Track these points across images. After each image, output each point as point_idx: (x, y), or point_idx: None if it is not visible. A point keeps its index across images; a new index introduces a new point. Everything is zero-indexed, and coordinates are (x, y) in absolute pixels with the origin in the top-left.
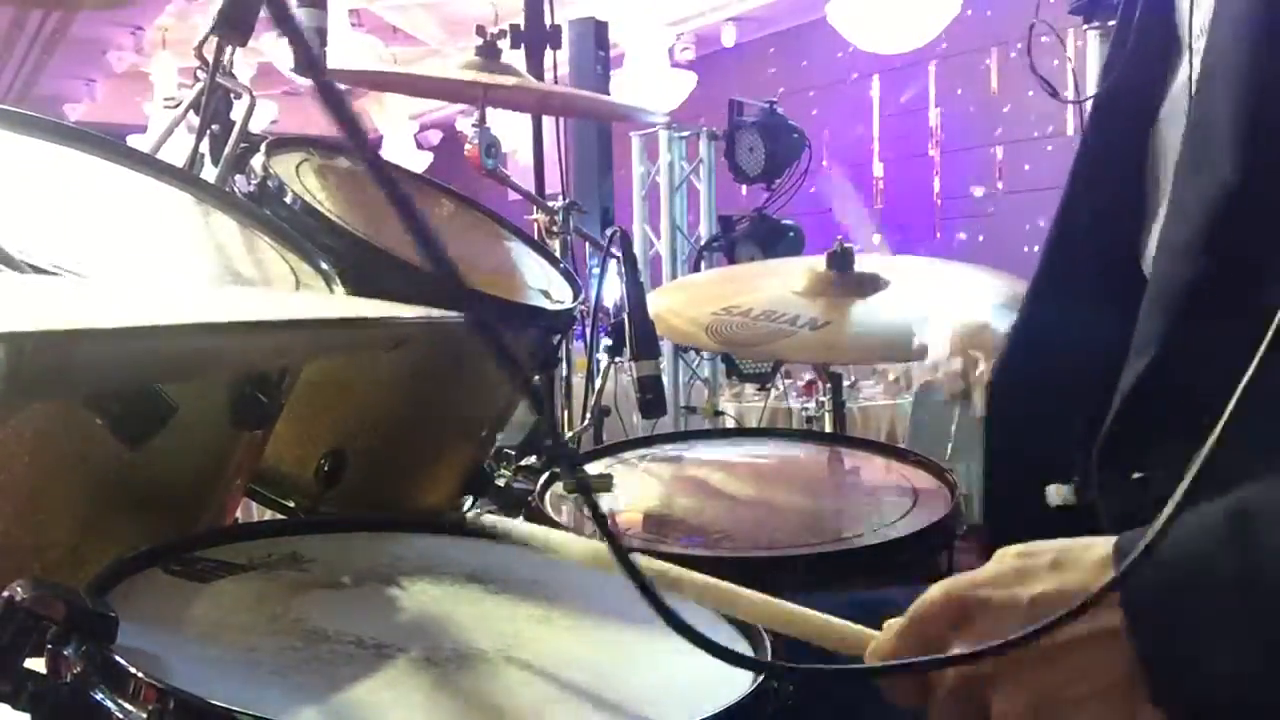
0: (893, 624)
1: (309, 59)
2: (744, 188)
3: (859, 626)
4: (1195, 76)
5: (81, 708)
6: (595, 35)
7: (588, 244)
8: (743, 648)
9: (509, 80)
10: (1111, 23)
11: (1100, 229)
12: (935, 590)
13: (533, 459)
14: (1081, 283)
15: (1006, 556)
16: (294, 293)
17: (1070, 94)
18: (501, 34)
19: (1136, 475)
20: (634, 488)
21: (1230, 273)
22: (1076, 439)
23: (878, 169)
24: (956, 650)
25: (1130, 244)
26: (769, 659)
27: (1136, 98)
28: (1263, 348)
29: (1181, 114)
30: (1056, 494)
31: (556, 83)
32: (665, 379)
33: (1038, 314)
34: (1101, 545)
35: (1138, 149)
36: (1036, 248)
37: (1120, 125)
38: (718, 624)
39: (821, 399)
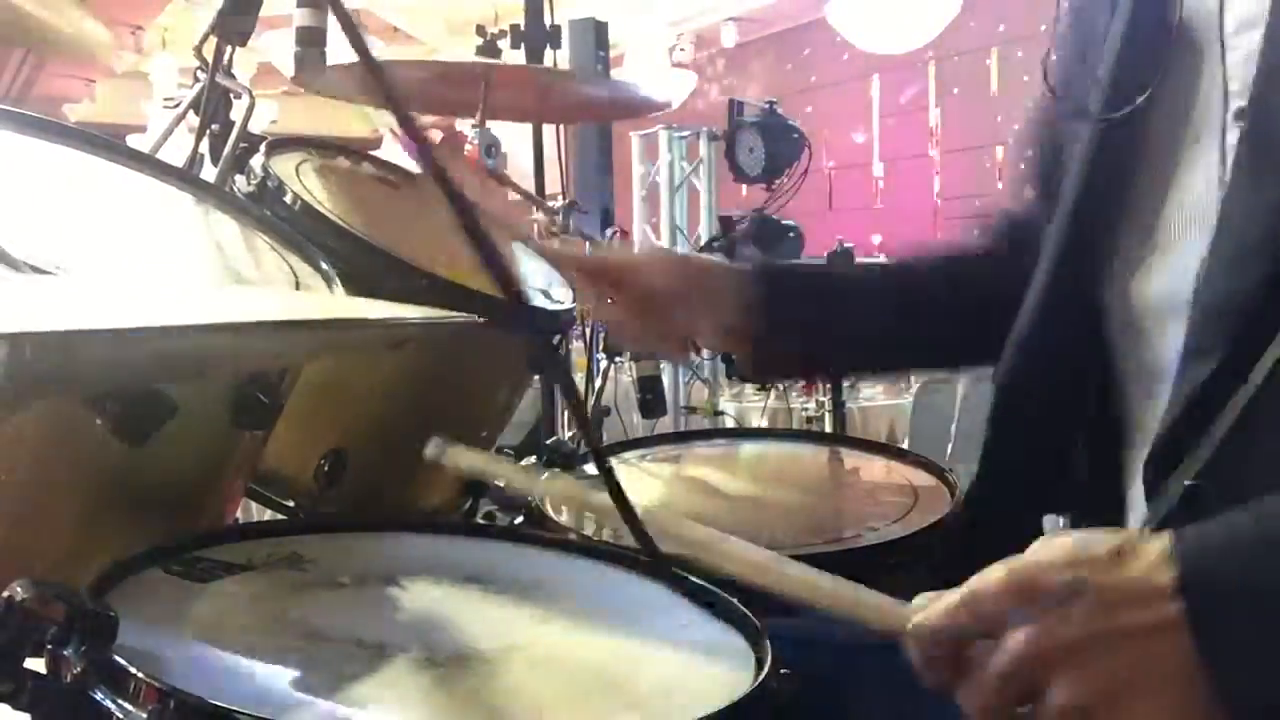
0: (940, 598)
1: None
2: (744, 188)
3: (897, 601)
4: (1235, 76)
5: (81, 708)
6: (595, 35)
7: (588, 244)
8: (741, 647)
9: (512, 65)
10: None
11: (1102, 242)
12: (997, 569)
13: (532, 459)
14: (1081, 298)
15: (1059, 542)
16: (294, 292)
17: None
18: (501, 34)
19: (1189, 483)
20: (634, 488)
21: None
22: (1072, 463)
23: (878, 169)
24: (1014, 635)
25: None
26: (768, 659)
27: (1140, 98)
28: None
29: (1218, 119)
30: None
31: None
32: (665, 379)
33: (1035, 331)
34: (1160, 541)
35: (1135, 153)
36: None
37: (1123, 128)
38: (713, 622)
39: (821, 399)
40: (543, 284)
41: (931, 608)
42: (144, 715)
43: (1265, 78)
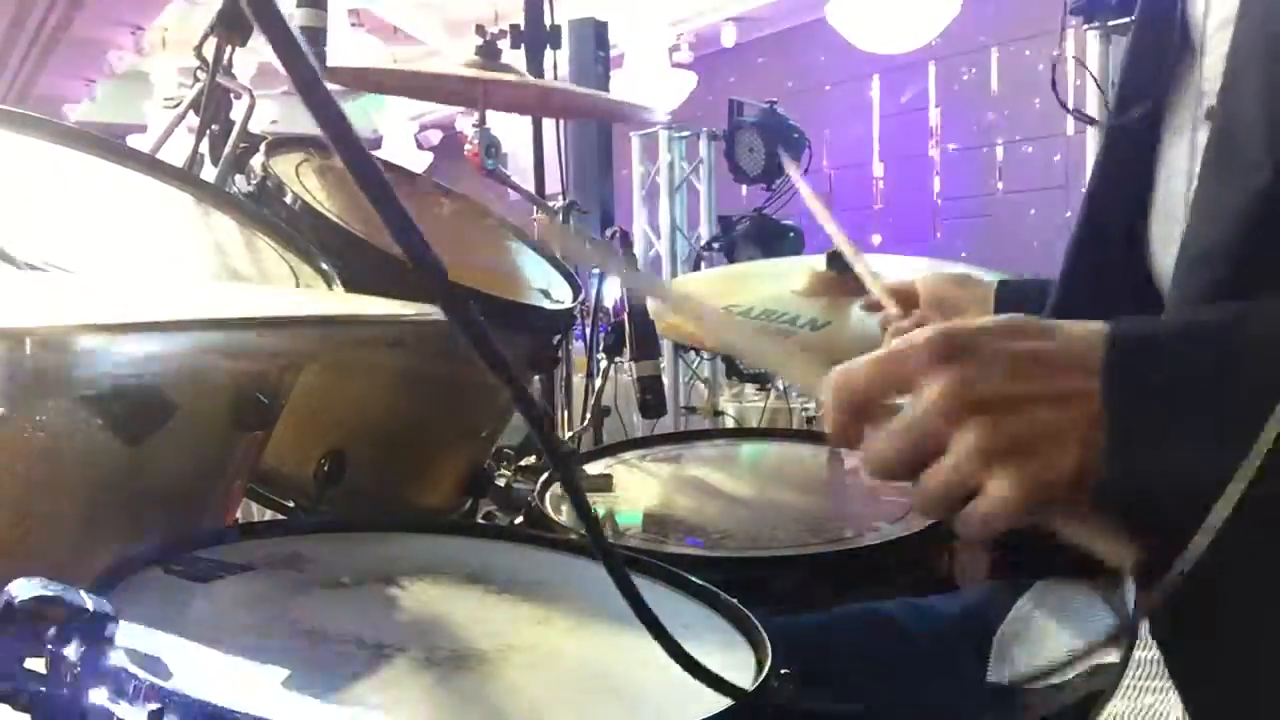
0: (863, 358)
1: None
2: (744, 188)
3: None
4: (1209, 77)
5: (81, 708)
6: (595, 35)
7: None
8: (742, 647)
9: (509, 77)
10: (1112, 23)
11: (1121, 236)
12: (923, 330)
13: (532, 459)
14: (1107, 291)
15: (1000, 315)
16: (293, 290)
17: (1070, 95)
18: (501, 34)
19: None
20: (634, 488)
21: (1261, 279)
22: None
23: (877, 169)
24: (932, 383)
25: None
26: (768, 659)
27: (1149, 101)
28: None
29: (1189, 116)
30: None
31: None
32: (665, 379)
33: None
34: (1096, 326)
35: (1150, 152)
36: (1036, 247)
37: (1133, 129)
38: (713, 621)
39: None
40: (543, 284)
41: (852, 361)
42: (144, 715)
43: (1231, 77)
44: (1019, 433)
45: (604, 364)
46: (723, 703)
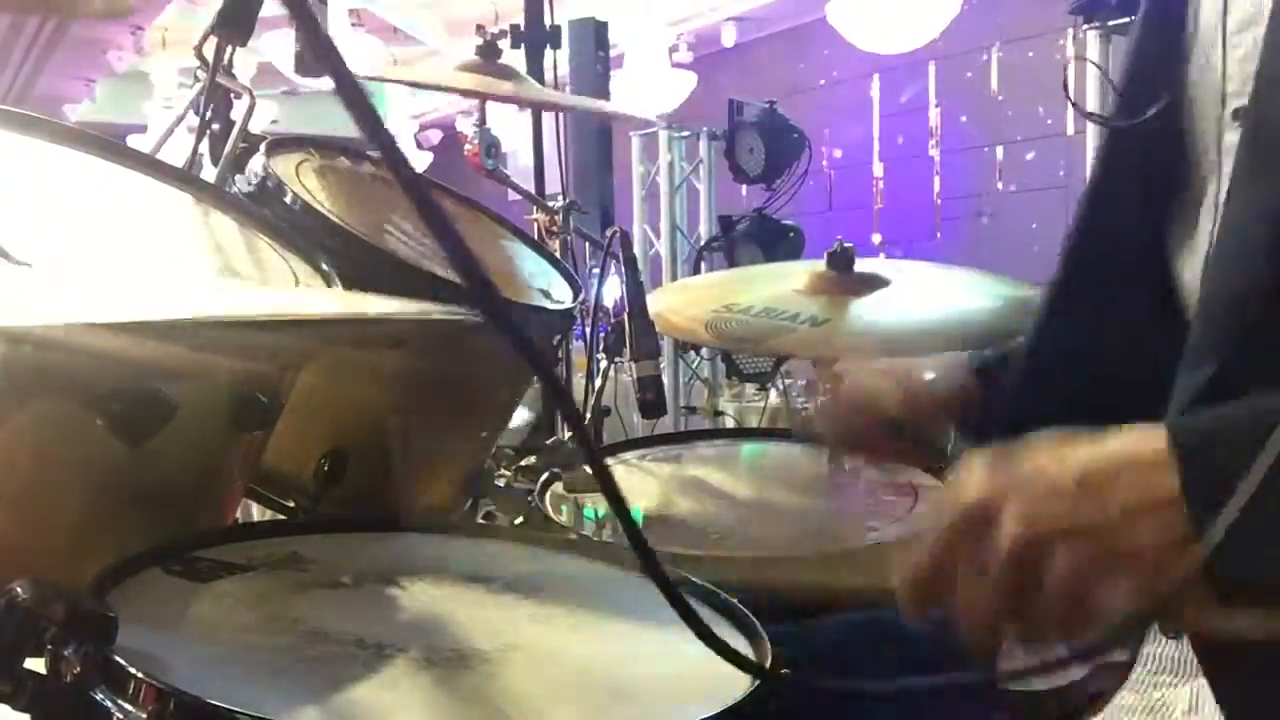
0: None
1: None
2: (744, 188)
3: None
4: (1233, 76)
5: (81, 708)
6: (595, 35)
7: (588, 244)
8: (742, 647)
9: (508, 86)
10: (1112, 22)
11: (1123, 240)
12: (969, 477)
13: (533, 459)
14: (1102, 296)
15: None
16: (292, 289)
17: (1071, 95)
18: (501, 34)
19: None
20: (634, 488)
21: None
22: None
23: (878, 169)
24: (1002, 531)
25: (1154, 256)
26: (768, 659)
27: (1160, 99)
28: None
29: (1213, 117)
30: None
31: (556, 83)
32: (665, 379)
33: (1056, 328)
34: (1151, 428)
35: (1158, 155)
36: (1037, 248)
37: (1139, 130)
38: (714, 621)
39: (823, 399)
40: (543, 284)
41: (916, 553)
42: (144, 715)
43: (1265, 79)
44: (1110, 549)
45: (604, 364)
46: (722, 702)
